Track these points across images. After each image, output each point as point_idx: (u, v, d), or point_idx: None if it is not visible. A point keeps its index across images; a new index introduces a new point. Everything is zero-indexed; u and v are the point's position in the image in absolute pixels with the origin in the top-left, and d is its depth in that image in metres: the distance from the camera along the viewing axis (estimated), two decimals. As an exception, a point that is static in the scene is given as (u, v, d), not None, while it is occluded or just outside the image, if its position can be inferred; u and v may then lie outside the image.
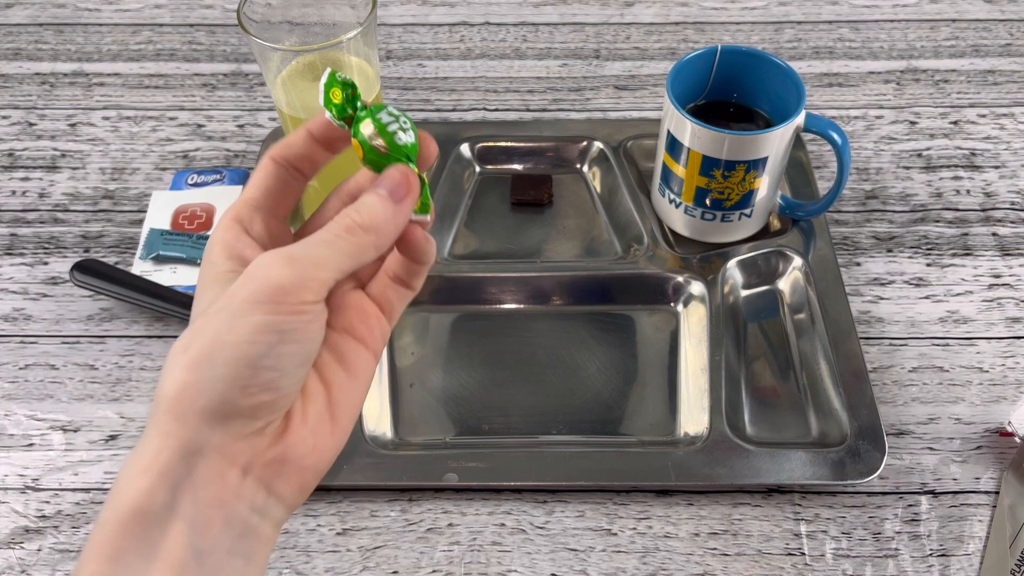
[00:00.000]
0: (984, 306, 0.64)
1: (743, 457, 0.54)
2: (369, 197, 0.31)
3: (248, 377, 0.28)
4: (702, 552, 0.53)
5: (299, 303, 0.28)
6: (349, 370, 0.32)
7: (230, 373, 0.28)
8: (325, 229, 0.30)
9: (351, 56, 0.57)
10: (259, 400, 0.28)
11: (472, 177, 0.72)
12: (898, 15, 0.86)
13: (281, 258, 0.29)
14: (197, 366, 0.28)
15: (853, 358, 0.58)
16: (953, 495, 0.55)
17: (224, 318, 0.28)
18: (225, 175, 0.70)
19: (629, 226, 0.67)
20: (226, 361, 0.28)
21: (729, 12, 0.87)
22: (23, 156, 0.75)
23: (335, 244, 0.30)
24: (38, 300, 0.65)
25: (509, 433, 0.57)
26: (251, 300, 0.28)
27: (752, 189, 0.61)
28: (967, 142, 0.74)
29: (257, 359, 0.28)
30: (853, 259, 0.66)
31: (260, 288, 0.28)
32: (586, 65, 0.82)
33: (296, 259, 0.29)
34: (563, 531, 0.53)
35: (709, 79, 0.64)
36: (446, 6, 0.88)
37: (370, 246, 0.30)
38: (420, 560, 0.52)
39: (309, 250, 0.29)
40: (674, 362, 0.61)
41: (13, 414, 0.59)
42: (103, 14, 0.87)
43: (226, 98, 0.79)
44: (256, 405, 0.29)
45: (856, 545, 0.53)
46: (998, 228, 0.68)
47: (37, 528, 0.54)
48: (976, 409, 0.58)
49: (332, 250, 0.29)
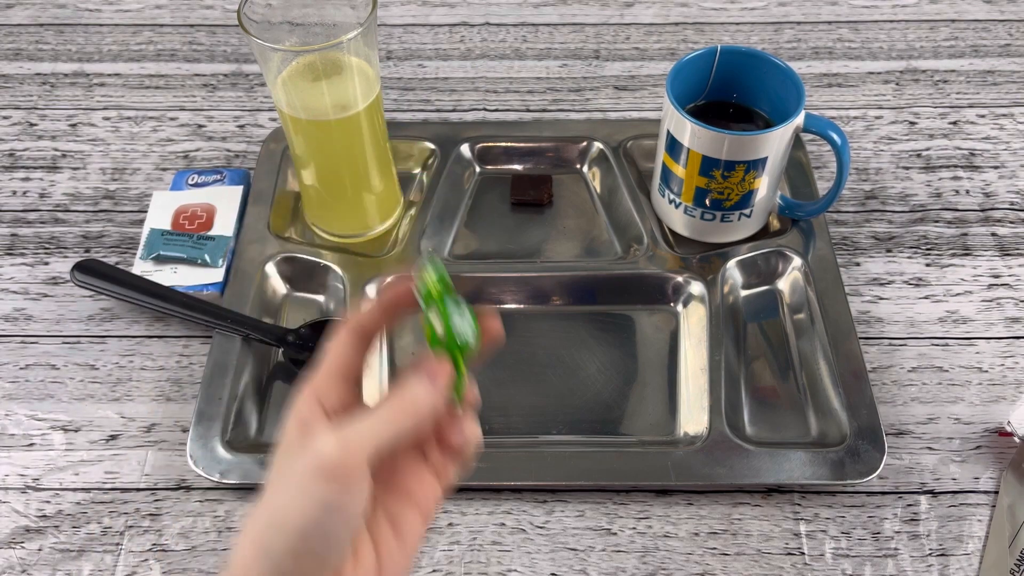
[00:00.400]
0: (983, 306, 0.64)
1: (743, 457, 0.54)
2: (409, 380, 0.35)
3: (302, 548, 0.32)
4: (702, 552, 0.53)
5: (346, 478, 0.32)
6: (400, 535, 0.36)
7: (288, 544, 0.32)
8: (376, 408, 0.34)
9: (351, 56, 0.57)
10: (312, 568, 0.32)
11: (472, 177, 0.72)
12: (897, 15, 0.86)
13: (333, 439, 0.32)
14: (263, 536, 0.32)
15: (852, 358, 0.58)
16: (952, 495, 0.55)
17: (287, 492, 0.32)
18: (225, 175, 0.70)
19: (629, 226, 0.67)
20: (286, 532, 0.32)
21: (729, 12, 0.87)
22: (24, 156, 0.75)
23: (377, 423, 0.33)
24: (39, 300, 0.65)
25: (509, 433, 0.58)
26: (307, 476, 0.32)
27: (752, 189, 0.61)
28: (966, 142, 0.74)
29: (311, 530, 0.32)
30: (852, 259, 0.67)
31: (313, 465, 0.32)
32: (586, 65, 0.82)
33: (343, 439, 0.32)
34: (563, 531, 0.54)
35: (709, 79, 0.64)
36: (446, 7, 0.88)
37: (407, 423, 0.34)
38: (420, 560, 0.52)
39: (356, 428, 0.33)
40: (674, 362, 0.61)
41: (14, 414, 0.59)
42: (104, 14, 0.87)
43: (226, 98, 0.79)
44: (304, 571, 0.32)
45: (855, 545, 0.53)
46: (997, 228, 0.68)
47: (38, 528, 0.54)
48: (975, 409, 0.59)
49: (374, 428, 0.33)
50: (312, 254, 0.65)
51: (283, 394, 0.60)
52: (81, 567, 0.52)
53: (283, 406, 0.59)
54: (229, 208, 0.68)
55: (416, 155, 0.72)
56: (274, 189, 0.69)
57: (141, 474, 0.56)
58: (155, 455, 0.57)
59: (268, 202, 0.68)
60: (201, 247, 0.65)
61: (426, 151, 0.72)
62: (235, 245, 0.66)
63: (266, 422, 0.58)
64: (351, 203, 0.65)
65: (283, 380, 0.61)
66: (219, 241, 0.65)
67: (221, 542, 0.53)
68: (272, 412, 0.59)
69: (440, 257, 0.66)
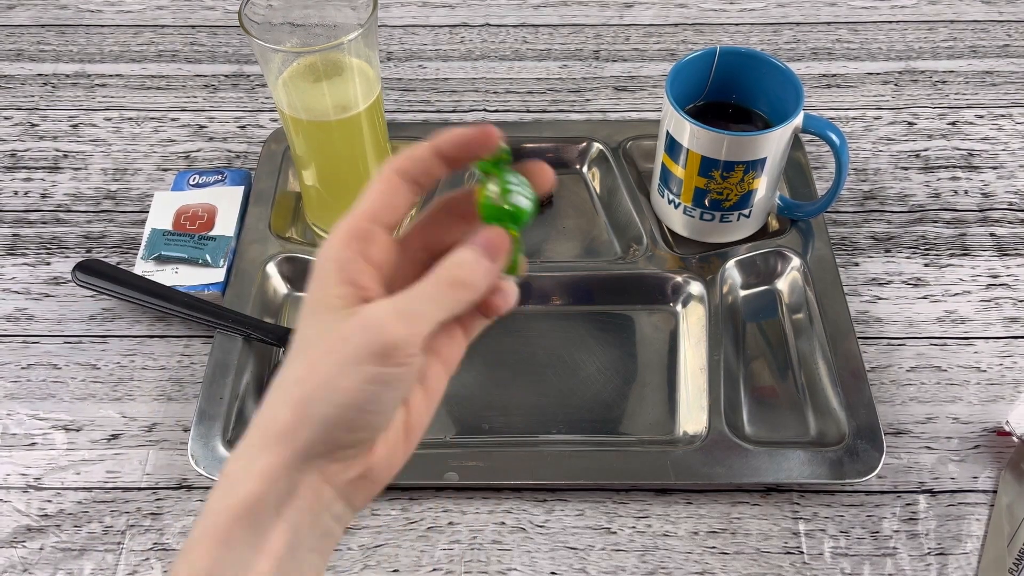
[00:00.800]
0: (982, 306, 0.64)
1: (742, 456, 0.54)
2: (466, 254, 0.32)
3: (352, 419, 0.31)
4: (701, 551, 0.53)
5: (407, 356, 0.31)
6: (427, 391, 0.35)
7: (337, 414, 0.31)
8: (429, 282, 0.32)
9: (352, 57, 0.57)
10: (359, 436, 0.32)
11: (472, 177, 0.72)
12: (896, 16, 0.86)
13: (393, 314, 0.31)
14: (308, 403, 0.31)
15: (851, 358, 0.58)
16: (951, 494, 0.55)
17: (336, 362, 0.31)
18: (227, 176, 0.71)
19: (628, 226, 0.67)
20: (336, 403, 0.31)
21: (728, 13, 0.87)
22: (25, 157, 0.75)
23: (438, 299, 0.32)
24: (40, 300, 0.65)
25: (509, 432, 0.58)
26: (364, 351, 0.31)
27: (751, 190, 0.61)
28: (965, 143, 0.75)
29: (364, 404, 0.31)
30: (851, 259, 0.67)
31: (373, 341, 0.31)
32: (586, 66, 0.82)
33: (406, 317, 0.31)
34: (563, 530, 0.54)
35: (708, 80, 0.64)
36: (446, 7, 0.88)
37: (464, 301, 0.33)
38: (420, 559, 0.53)
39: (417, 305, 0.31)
40: (673, 362, 0.61)
41: (15, 413, 0.59)
42: (105, 15, 0.88)
43: (227, 99, 0.80)
44: (356, 440, 0.32)
45: (854, 544, 0.53)
46: (996, 228, 0.69)
47: (39, 527, 0.54)
48: (974, 408, 0.59)
49: (435, 305, 0.32)
50: (313, 254, 0.65)
51: (284, 394, 0.60)
52: (82, 566, 0.52)
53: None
54: (230, 208, 0.68)
55: (416, 156, 0.72)
56: (275, 189, 0.69)
57: (142, 473, 0.56)
58: (156, 454, 0.57)
59: (269, 202, 0.68)
60: (202, 247, 0.65)
61: (426, 152, 0.72)
62: (236, 245, 0.66)
63: (267, 422, 0.59)
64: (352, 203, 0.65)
65: (284, 380, 0.61)
66: (220, 241, 0.65)
67: (222, 541, 0.53)
68: (273, 412, 0.59)
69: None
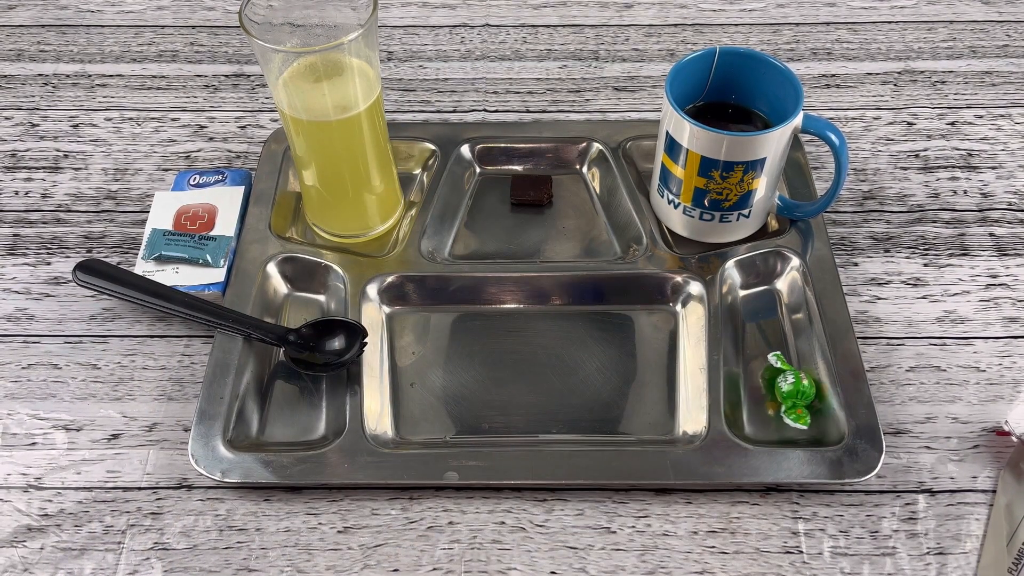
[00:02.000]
0: (981, 306, 0.64)
1: (741, 456, 0.54)
2: None
3: None
4: (701, 550, 0.53)
5: None
6: None
7: None
8: None
9: (352, 58, 0.58)
10: None
11: (472, 178, 0.72)
12: (895, 16, 0.86)
13: None
14: None
15: (851, 358, 0.58)
16: (950, 494, 0.55)
17: None
18: (227, 176, 0.71)
19: (628, 226, 0.67)
20: None
21: (727, 14, 0.87)
22: (26, 157, 0.75)
23: None
24: (41, 300, 0.65)
25: (509, 432, 0.58)
26: None
27: (750, 190, 0.61)
28: (964, 143, 0.75)
29: None
30: (851, 259, 0.67)
31: None
32: (585, 67, 0.82)
33: None
34: (562, 529, 0.54)
35: (708, 80, 0.64)
36: (446, 8, 0.88)
37: None
38: (421, 558, 0.53)
39: None
40: (673, 362, 0.61)
41: (16, 413, 0.59)
42: (105, 15, 0.88)
43: (228, 99, 0.80)
44: None
45: (854, 543, 0.53)
46: (995, 228, 0.69)
47: (40, 527, 0.54)
48: (973, 408, 0.59)
49: None
50: (313, 254, 0.65)
51: (284, 393, 0.60)
52: (83, 566, 0.53)
53: (284, 405, 0.59)
54: (230, 208, 0.68)
55: (416, 156, 0.72)
56: (275, 189, 0.69)
57: (143, 473, 0.56)
58: (157, 454, 0.57)
59: (269, 202, 0.68)
60: (203, 247, 0.65)
61: (426, 152, 0.72)
62: (236, 245, 0.66)
63: (267, 421, 0.59)
64: (352, 203, 0.66)
65: (284, 379, 0.61)
66: (220, 241, 0.66)
67: (223, 541, 0.53)
68: (273, 411, 0.59)
69: (440, 257, 0.66)
